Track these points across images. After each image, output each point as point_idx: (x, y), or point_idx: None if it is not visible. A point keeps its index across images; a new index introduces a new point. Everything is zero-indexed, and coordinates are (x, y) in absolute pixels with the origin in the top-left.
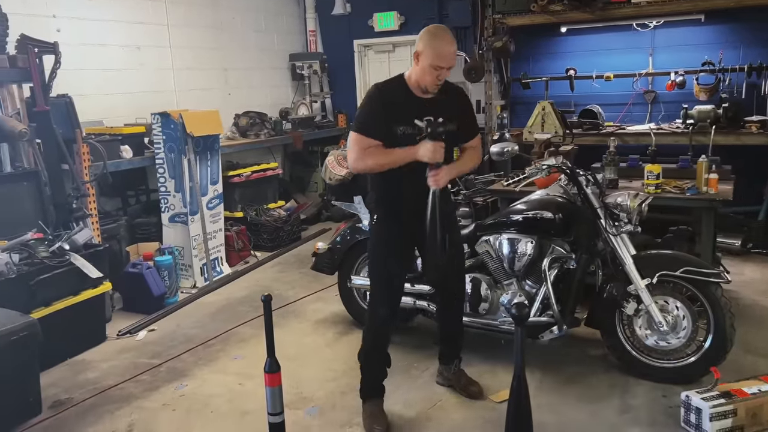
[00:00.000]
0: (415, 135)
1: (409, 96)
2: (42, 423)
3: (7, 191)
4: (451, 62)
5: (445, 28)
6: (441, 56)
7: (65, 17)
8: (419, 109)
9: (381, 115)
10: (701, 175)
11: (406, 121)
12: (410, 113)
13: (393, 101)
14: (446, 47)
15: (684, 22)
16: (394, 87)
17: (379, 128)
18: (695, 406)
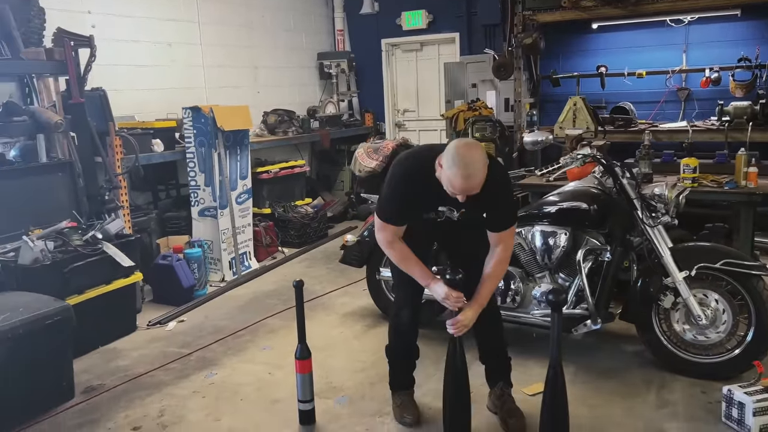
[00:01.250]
0: (437, 218)
1: (438, 187)
2: (75, 407)
3: (43, 181)
4: (466, 193)
5: (474, 155)
6: (455, 187)
7: (100, 13)
8: (444, 199)
9: (409, 202)
10: (740, 168)
11: (431, 208)
12: (436, 200)
13: (419, 190)
14: (461, 182)
15: (719, 18)
16: (423, 174)
17: (405, 216)
18: (738, 400)
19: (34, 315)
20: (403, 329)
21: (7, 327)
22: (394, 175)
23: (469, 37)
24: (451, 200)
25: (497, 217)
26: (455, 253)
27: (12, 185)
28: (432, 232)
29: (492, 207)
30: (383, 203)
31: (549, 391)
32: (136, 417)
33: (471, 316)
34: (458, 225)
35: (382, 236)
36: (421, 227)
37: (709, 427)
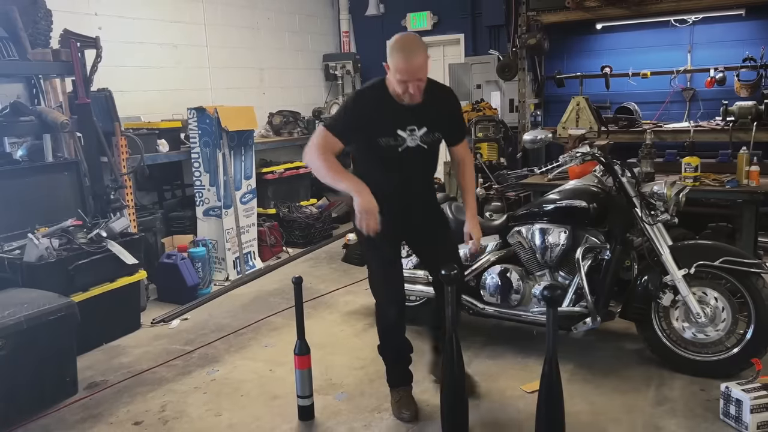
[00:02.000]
0: (398, 147)
1: (391, 104)
2: (78, 402)
3: (49, 180)
4: (413, 75)
5: (411, 38)
6: (401, 70)
7: (107, 15)
8: (401, 117)
9: (356, 122)
10: (742, 167)
11: (388, 133)
12: (393, 123)
13: (374, 112)
14: (404, 62)
15: (724, 18)
16: (376, 95)
17: (348, 134)
18: (735, 397)
19: (38, 311)
20: (391, 328)
21: (12, 322)
22: (348, 97)
23: (473, 38)
24: (409, 118)
25: (454, 129)
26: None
27: (19, 184)
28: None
29: (447, 121)
30: (333, 116)
31: (545, 385)
32: (138, 412)
33: (475, 223)
34: (417, 156)
35: (317, 141)
36: (382, 158)
37: (707, 424)
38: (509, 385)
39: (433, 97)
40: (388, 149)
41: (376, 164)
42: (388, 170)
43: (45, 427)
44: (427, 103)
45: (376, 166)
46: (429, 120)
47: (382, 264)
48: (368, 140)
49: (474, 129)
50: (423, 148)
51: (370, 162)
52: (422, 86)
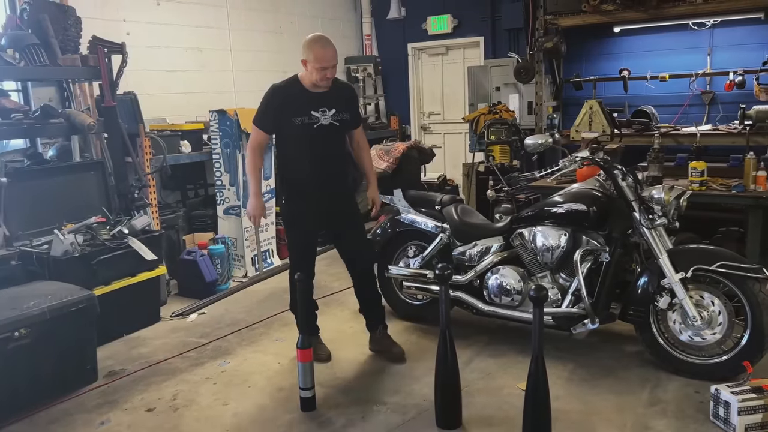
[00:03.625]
0: (313, 124)
1: (304, 92)
2: (97, 389)
3: (76, 179)
4: (331, 61)
5: (324, 35)
6: (320, 58)
7: (134, 21)
8: (313, 101)
9: (276, 111)
10: (749, 172)
11: (302, 113)
12: (306, 106)
13: (289, 97)
14: (322, 51)
15: (743, 21)
16: (290, 85)
17: (271, 123)
18: (724, 399)
19: (60, 302)
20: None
21: (36, 312)
22: (266, 93)
23: (493, 41)
24: (321, 101)
25: (354, 115)
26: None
27: (48, 183)
28: (311, 142)
29: (350, 108)
30: (257, 111)
31: (531, 382)
32: (151, 399)
33: (374, 191)
34: (330, 134)
35: (251, 139)
36: (300, 137)
37: (697, 425)
38: (507, 383)
39: (337, 88)
40: (304, 127)
41: (296, 146)
42: (306, 148)
43: (65, 411)
44: (334, 91)
45: (296, 148)
46: (337, 103)
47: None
48: (287, 123)
49: (487, 132)
50: (335, 126)
51: (290, 145)
52: (334, 73)
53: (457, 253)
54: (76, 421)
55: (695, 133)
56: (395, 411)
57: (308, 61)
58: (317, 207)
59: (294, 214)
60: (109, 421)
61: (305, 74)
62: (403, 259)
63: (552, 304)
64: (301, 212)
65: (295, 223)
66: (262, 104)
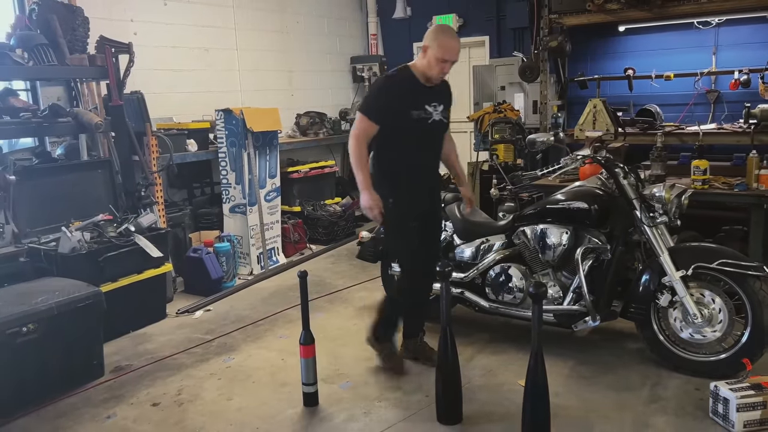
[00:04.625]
0: (427, 119)
1: (417, 84)
2: (104, 384)
3: (83, 177)
4: (455, 56)
5: (450, 26)
6: (446, 50)
7: (142, 21)
8: (427, 95)
9: (388, 103)
10: (751, 170)
11: (418, 107)
12: (421, 99)
13: (404, 90)
14: (450, 42)
15: (748, 20)
16: (405, 77)
17: (381, 115)
18: (723, 396)
19: (68, 298)
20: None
21: (44, 308)
22: (377, 82)
23: (498, 41)
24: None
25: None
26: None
27: (57, 181)
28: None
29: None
30: (367, 100)
31: (530, 378)
32: (157, 394)
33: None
34: (438, 131)
35: (356, 128)
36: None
37: (696, 422)
38: (508, 379)
39: (443, 84)
40: (420, 121)
41: (406, 140)
42: (418, 143)
43: (73, 405)
44: (441, 87)
45: (405, 142)
46: (443, 99)
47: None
48: (401, 115)
49: (491, 131)
50: (443, 122)
51: (399, 138)
52: (449, 70)
53: (460, 250)
54: (83, 415)
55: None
56: (397, 406)
57: (430, 48)
58: (421, 204)
59: (406, 214)
60: (115, 415)
61: (420, 64)
62: None
63: (554, 302)
64: (412, 210)
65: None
66: (374, 93)
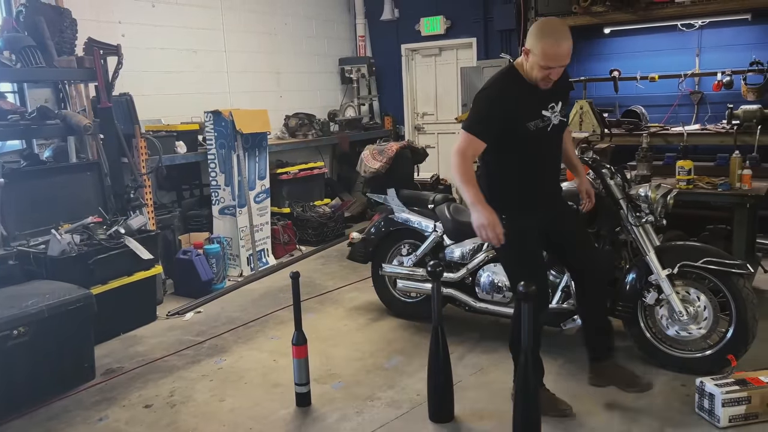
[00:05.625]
0: (546, 126)
1: (529, 87)
2: (95, 386)
3: (72, 180)
4: (562, 62)
5: (557, 22)
6: (549, 57)
7: (129, 23)
8: (543, 97)
9: (498, 117)
10: (734, 171)
11: (535, 115)
12: (537, 105)
13: (516, 99)
14: (554, 48)
15: (731, 22)
16: (513, 83)
17: (491, 131)
18: (708, 391)
19: (58, 301)
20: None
21: (34, 311)
22: (480, 97)
23: (485, 42)
24: (549, 96)
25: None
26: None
27: (45, 183)
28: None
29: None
30: (472, 117)
31: (521, 375)
32: (149, 396)
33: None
34: (560, 135)
35: (459, 147)
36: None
37: (683, 417)
38: (499, 378)
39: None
40: (538, 131)
41: (525, 152)
42: (538, 154)
43: (64, 408)
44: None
45: (524, 156)
46: (560, 95)
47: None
48: (514, 129)
49: None
50: (564, 122)
51: (515, 153)
52: (560, 73)
53: (450, 251)
54: (75, 417)
55: (683, 132)
56: (389, 406)
57: (532, 53)
58: (545, 211)
59: (521, 233)
60: (107, 418)
61: (525, 66)
62: (397, 258)
63: None
64: (531, 227)
65: (524, 241)
66: (480, 108)
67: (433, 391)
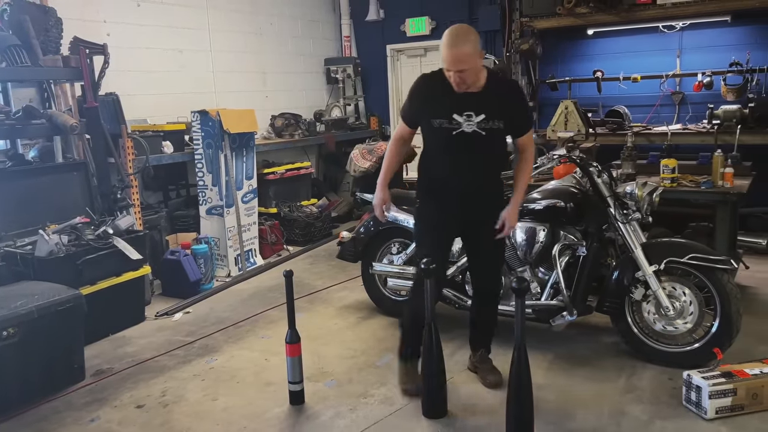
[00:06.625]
0: (452, 129)
1: (448, 90)
2: (85, 387)
3: (59, 180)
4: (456, 66)
5: (459, 29)
6: (445, 60)
7: (115, 22)
8: (458, 103)
9: (418, 106)
10: (717, 169)
11: (443, 115)
12: (448, 107)
13: (433, 94)
14: (446, 52)
15: (711, 24)
16: (435, 80)
17: (413, 118)
18: (695, 384)
19: (47, 301)
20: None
21: (24, 312)
22: (414, 83)
23: None
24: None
25: (518, 121)
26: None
27: (31, 184)
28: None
29: (510, 113)
30: (404, 103)
31: (514, 370)
32: (140, 396)
33: (515, 215)
34: (473, 145)
35: (394, 134)
36: (438, 139)
37: (670, 410)
38: None
39: (497, 88)
40: (441, 131)
41: (434, 146)
42: (443, 152)
43: (54, 409)
44: (490, 93)
45: (434, 148)
46: (489, 108)
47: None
48: (427, 122)
49: None
50: (480, 134)
51: (429, 143)
52: (466, 78)
53: None
54: (66, 418)
55: (666, 132)
56: (383, 403)
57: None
58: (454, 209)
59: (425, 212)
60: (99, 418)
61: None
62: (387, 256)
63: (532, 297)
64: (433, 210)
65: (425, 219)
66: (408, 97)
67: (426, 388)
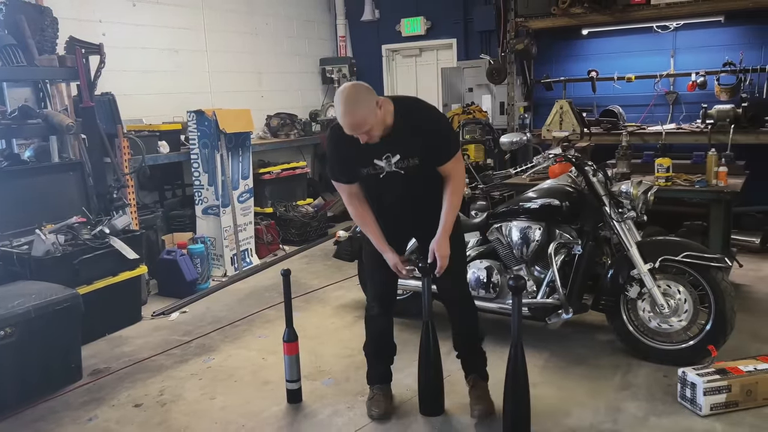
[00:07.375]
0: (379, 174)
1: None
2: (83, 387)
3: (55, 180)
4: (356, 131)
5: (347, 93)
6: (344, 126)
7: (110, 22)
8: (374, 149)
9: (342, 163)
10: (711, 168)
11: (366, 163)
12: (369, 154)
13: (349, 147)
14: (343, 120)
15: (704, 24)
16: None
17: (345, 174)
18: (690, 381)
19: (45, 301)
20: (374, 323)
21: (21, 311)
22: (328, 138)
23: (465, 43)
24: (382, 148)
25: (435, 151)
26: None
27: (27, 184)
28: (382, 189)
29: (425, 145)
30: (328, 163)
31: (511, 367)
32: (138, 396)
33: (443, 243)
34: (402, 178)
35: (341, 194)
36: (369, 187)
37: (666, 406)
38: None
39: (405, 125)
40: (370, 177)
41: (370, 191)
42: (378, 193)
43: (52, 409)
44: (401, 131)
45: (371, 193)
46: (401, 148)
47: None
48: (354, 171)
49: (462, 131)
50: (400, 174)
51: (365, 190)
52: (372, 133)
53: None
54: (63, 418)
55: (661, 131)
56: None
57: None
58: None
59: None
60: (96, 418)
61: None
62: None
63: (528, 296)
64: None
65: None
66: (328, 154)
67: (424, 385)
